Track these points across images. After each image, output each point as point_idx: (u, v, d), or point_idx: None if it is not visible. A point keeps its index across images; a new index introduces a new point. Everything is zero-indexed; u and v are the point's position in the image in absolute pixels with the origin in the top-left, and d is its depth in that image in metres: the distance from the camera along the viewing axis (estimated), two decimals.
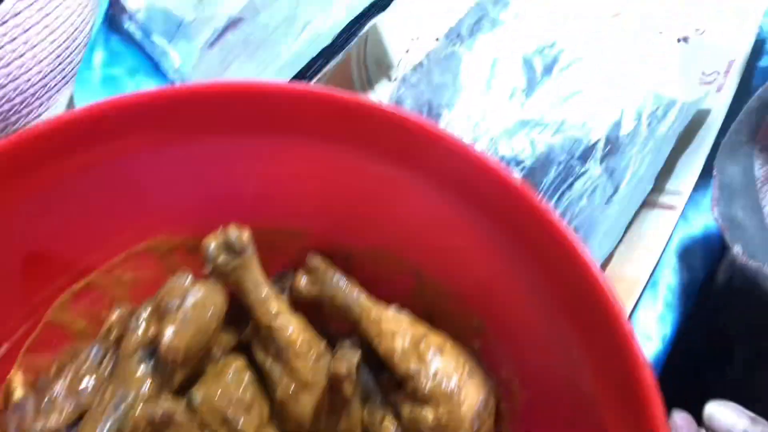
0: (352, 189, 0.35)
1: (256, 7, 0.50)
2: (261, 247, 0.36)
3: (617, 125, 0.49)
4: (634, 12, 0.56)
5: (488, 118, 0.52)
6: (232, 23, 0.50)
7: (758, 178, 0.43)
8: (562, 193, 0.48)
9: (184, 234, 0.37)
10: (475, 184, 0.30)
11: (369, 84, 0.53)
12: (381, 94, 0.52)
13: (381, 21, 0.46)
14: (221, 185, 0.36)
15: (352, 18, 0.45)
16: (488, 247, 0.32)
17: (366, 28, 0.46)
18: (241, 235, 0.35)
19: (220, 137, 0.34)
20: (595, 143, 0.49)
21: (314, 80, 0.46)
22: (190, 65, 0.51)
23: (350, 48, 0.46)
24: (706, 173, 0.46)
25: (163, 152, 0.33)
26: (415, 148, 0.31)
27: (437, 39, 0.56)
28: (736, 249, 0.39)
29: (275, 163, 0.34)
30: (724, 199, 0.41)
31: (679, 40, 0.56)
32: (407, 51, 0.55)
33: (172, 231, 0.37)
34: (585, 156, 0.49)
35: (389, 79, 0.54)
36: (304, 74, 0.46)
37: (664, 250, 0.44)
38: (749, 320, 0.45)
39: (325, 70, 0.46)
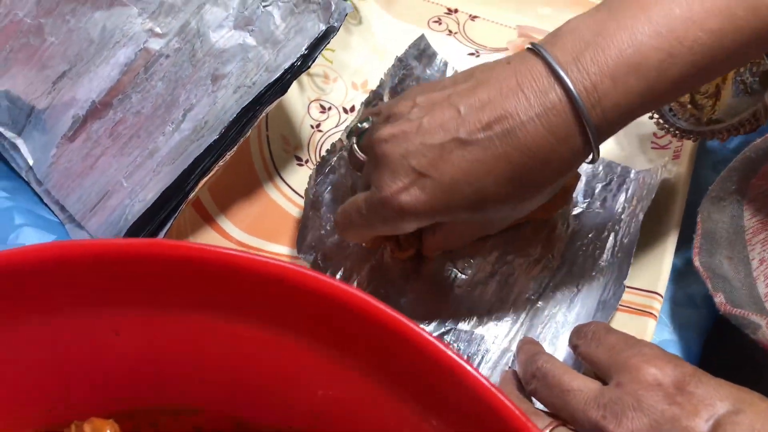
0: (257, 361, 0.26)
1: (125, 89, 0.40)
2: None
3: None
4: None
5: None
6: (96, 109, 0.40)
7: (747, 228, 0.38)
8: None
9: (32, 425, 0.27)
10: (399, 359, 0.23)
11: (276, 170, 0.44)
12: (292, 183, 0.44)
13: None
14: (87, 362, 0.27)
15: (245, 105, 0.36)
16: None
17: (262, 115, 0.37)
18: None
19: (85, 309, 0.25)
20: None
21: (203, 180, 0.37)
22: (46, 163, 0.41)
23: (245, 136, 0.37)
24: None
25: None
26: (336, 319, 0.23)
27: (350, 109, 0.48)
28: (718, 299, 0.35)
29: (162, 336, 0.26)
30: (707, 248, 0.37)
31: None
32: (317, 126, 0.47)
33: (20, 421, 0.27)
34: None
35: (299, 161, 0.45)
36: (189, 174, 0.37)
37: None
38: None
39: (215, 168, 0.37)
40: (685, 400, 0.27)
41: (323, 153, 0.43)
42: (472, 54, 0.52)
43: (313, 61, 0.37)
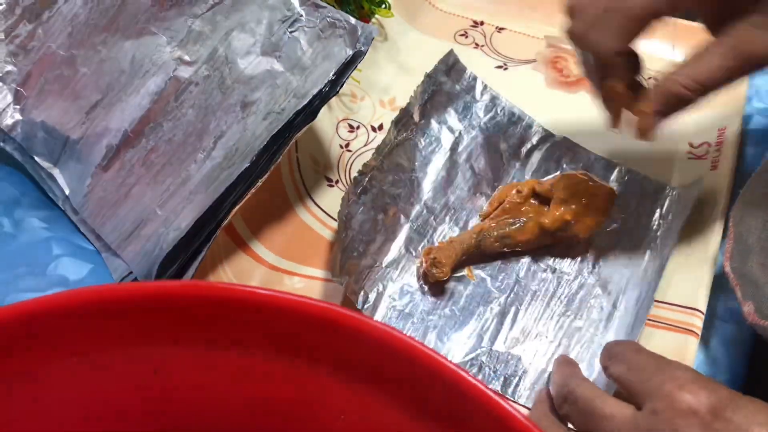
0: (292, 397, 0.26)
1: (156, 118, 0.40)
2: None
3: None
4: None
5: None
6: (129, 138, 0.41)
7: None
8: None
9: None
10: (429, 391, 0.23)
11: (307, 192, 0.44)
12: (323, 204, 0.44)
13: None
14: (124, 399, 0.27)
15: (275, 132, 0.36)
16: None
17: (292, 141, 0.37)
18: None
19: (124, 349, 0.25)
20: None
21: (236, 208, 0.37)
22: (82, 193, 0.42)
23: (276, 162, 0.37)
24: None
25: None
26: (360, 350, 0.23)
27: (378, 128, 0.48)
28: (747, 308, 0.34)
29: (198, 374, 0.26)
30: (739, 253, 0.36)
31: None
32: (346, 145, 0.47)
33: None
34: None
35: (329, 182, 0.45)
36: (222, 202, 0.37)
37: None
38: None
39: (247, 196, 0.37)
40: (723, 427, 0.26)
41: (354, 173, 0.43)
42: (499, 67, 0.51)
43: (341, 86, 0.37)
